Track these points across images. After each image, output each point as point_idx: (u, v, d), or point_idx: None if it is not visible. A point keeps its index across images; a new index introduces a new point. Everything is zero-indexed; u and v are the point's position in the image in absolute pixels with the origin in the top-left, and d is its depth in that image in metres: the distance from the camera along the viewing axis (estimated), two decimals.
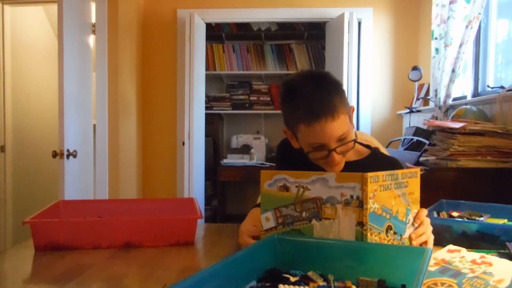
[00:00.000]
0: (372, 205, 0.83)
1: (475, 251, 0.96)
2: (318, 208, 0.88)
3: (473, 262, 0.87)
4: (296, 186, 0.90)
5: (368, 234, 0.83)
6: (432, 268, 0.84)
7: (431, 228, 0.98)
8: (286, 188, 0.91)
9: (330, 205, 0.86)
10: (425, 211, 0.98)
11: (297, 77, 1.17)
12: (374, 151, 1.31)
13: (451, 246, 0.98)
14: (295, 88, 1.13)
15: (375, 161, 1.27)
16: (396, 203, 0.89)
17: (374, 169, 1.21)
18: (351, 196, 0.84)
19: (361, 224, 0.83)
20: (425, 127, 2.65)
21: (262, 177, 0.94)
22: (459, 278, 0.79)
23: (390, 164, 1.27)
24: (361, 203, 0.83)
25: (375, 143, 1.53)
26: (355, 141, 1.15)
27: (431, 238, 0.97)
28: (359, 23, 3.59)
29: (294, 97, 1.12)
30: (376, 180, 0.85)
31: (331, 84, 1.12)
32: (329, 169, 1.18)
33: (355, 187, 0.84)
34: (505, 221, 1.20)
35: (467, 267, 0.85)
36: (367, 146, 1.32)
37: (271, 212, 0.93)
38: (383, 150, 1.45)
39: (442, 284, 0.77)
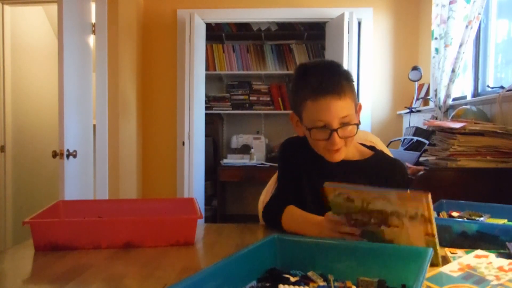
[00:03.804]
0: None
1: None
2: (385, 218, 0.88)
3: (500, 269, 0.84)
4: (360, 199, 0.91)
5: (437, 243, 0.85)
6: (455, 274, 0.82)
7: None
8: (351, 200, 0.92)
9: (396, 217, 0.87)
10: None
11: (311, 61, 1.24)
12: (377, 153, 1.32)
13: (479, 251, 0.94)
14: (308, 69, 1.19)
15: (378, 162, 1.28)
16: None
17: (375, 170, 1.22)
18: (416, 213, 0.84)
19: (429, 235, 0.84)
20: (425, 127, 2.65)
21: (327, 192, 0.96)
22: (482, 285, 0.76)
23: (391, 165, 1.28)
24: (427, 220, 0.83)
25: (378, 143, 1.53)
26: (357, 125, 1.17)
27: None
28: (359, 23, 3.59)
29: (305, 76, 1.17)
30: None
31: (342, 69, 1.18)
32: (329, 156, 1.19)
33: (419, 206, 0.84)
34: (505, 221, 1.20)
35: (492, 273, 0.81)
36: (372, 148, 1.34)
37: (342, 216, 0.95)
38: (387, 151, 1.46)
39: None
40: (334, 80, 1.12)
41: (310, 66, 1.20)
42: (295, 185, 1.31)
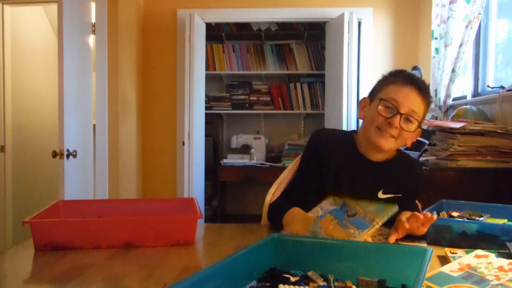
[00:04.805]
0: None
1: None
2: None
3: (500, 268, 0.84)
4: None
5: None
6: (455, 274, 0.82)
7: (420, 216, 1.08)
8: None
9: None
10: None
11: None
12: (400, 153, 1.39)
13: (479, 251, 0.95)
14: (403, 70, 1.33)
15: (399, 162, 1.35)
16: None
17: (396, 169, 1.34)
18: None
19: None
20: (425, 127, 2.65)
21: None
22: (482, 285, 0.77)
23: (410, 166, 1.38)
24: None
25: None
26: (413, 141, 1.30)
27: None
28: (359, 23, 3.59)
29: (403, 72, 1.31)
30: None
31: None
32: (376, 137, 1.26)
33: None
34: (505, 221, 1.20)
35: (492, 273, 0.82)
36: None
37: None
38: None
39: None
40: (424, 85, 1.28)
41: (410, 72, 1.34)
42: (315, 177, 1.34)
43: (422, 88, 1.26)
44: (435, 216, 1.07)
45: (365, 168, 1.33)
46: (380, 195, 1.32)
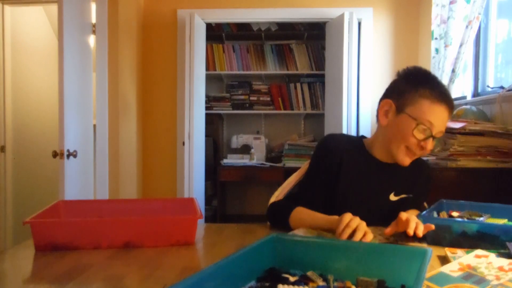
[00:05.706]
0: None
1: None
2: None
3: (500, 268, 0.84)
4: None
5: None
6: (455, 274, 0.82)
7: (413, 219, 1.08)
8: None
9: None
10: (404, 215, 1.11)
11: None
12: None
13: (479, 251, 0.95)
14: (435, 77, 1.28)
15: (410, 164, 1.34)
16: None
17: (407, 170, 1.33)
18: None
19: None
20: None
21: None
22: (482, 285, 0.77)
23: (420, 166, 1.38)
24: None
25: None
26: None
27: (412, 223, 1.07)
28: (359, 23, 3.59)
29: (433, 79, 1.26)
30: None
31: None
32: (403, 156, 1.26)
33: None
34: (505, 221, 1.20)
35: (492, 273, 0.82)
36: None
37: None
38: None
39: None
40: (452, 100, 1.26)
41: (437, 78, 1.30)
42: (324, 182, 1.33)
43: (452, 106, 1.25)
44: (433, 226, 1.07)
45: (377, 169, 1.33)
46: (392, 197, 1.33)
